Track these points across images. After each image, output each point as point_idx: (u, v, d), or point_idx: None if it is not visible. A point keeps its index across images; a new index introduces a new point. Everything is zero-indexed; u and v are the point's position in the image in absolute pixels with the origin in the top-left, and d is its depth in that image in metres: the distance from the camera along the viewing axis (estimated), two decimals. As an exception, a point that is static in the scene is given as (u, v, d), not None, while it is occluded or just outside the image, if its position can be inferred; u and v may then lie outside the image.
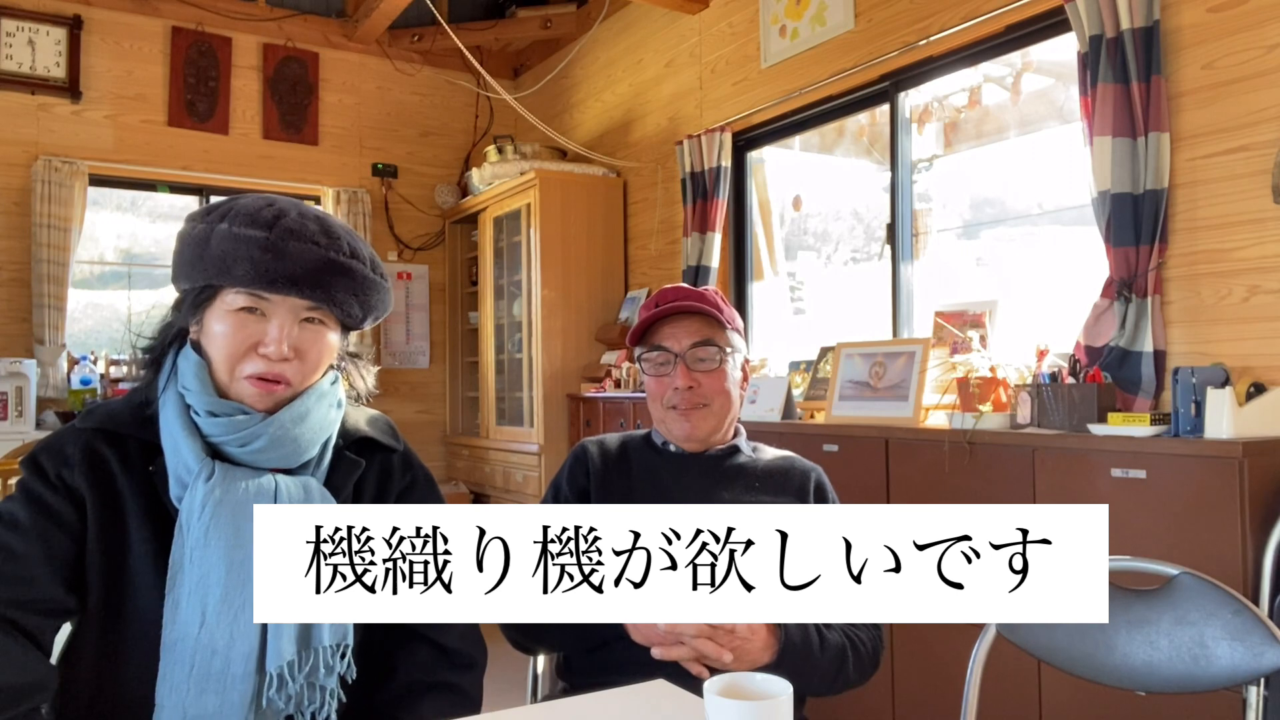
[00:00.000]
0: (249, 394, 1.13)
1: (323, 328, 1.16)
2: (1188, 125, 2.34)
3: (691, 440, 1.54)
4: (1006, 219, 3.21)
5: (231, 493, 1.09)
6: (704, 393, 1.51)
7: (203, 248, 1.11)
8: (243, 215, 1.11)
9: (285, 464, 1.15)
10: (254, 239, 1.08)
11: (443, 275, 5.49)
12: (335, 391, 1.22)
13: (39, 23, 4.33)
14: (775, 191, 4.10)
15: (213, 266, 1.10)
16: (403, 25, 5.07)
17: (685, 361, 1.51)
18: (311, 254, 1.10)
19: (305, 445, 1.15)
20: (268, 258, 1.08)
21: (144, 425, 1.14)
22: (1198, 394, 2.03)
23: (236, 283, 1.10)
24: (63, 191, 4.26)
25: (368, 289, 1.17)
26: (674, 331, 1.53)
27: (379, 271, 1.20)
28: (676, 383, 1.50)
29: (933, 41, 3.03)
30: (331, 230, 1.14)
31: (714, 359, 1.51)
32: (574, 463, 1.60)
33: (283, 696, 1.08)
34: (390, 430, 1.30)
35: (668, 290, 1.56)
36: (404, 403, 5.32)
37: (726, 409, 1.54)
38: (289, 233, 1.09)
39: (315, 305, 1.13)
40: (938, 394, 2.72)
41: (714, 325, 1.52)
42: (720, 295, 1.58)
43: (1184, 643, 1.28)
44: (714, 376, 1.51)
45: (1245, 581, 1.85)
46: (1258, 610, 1.24)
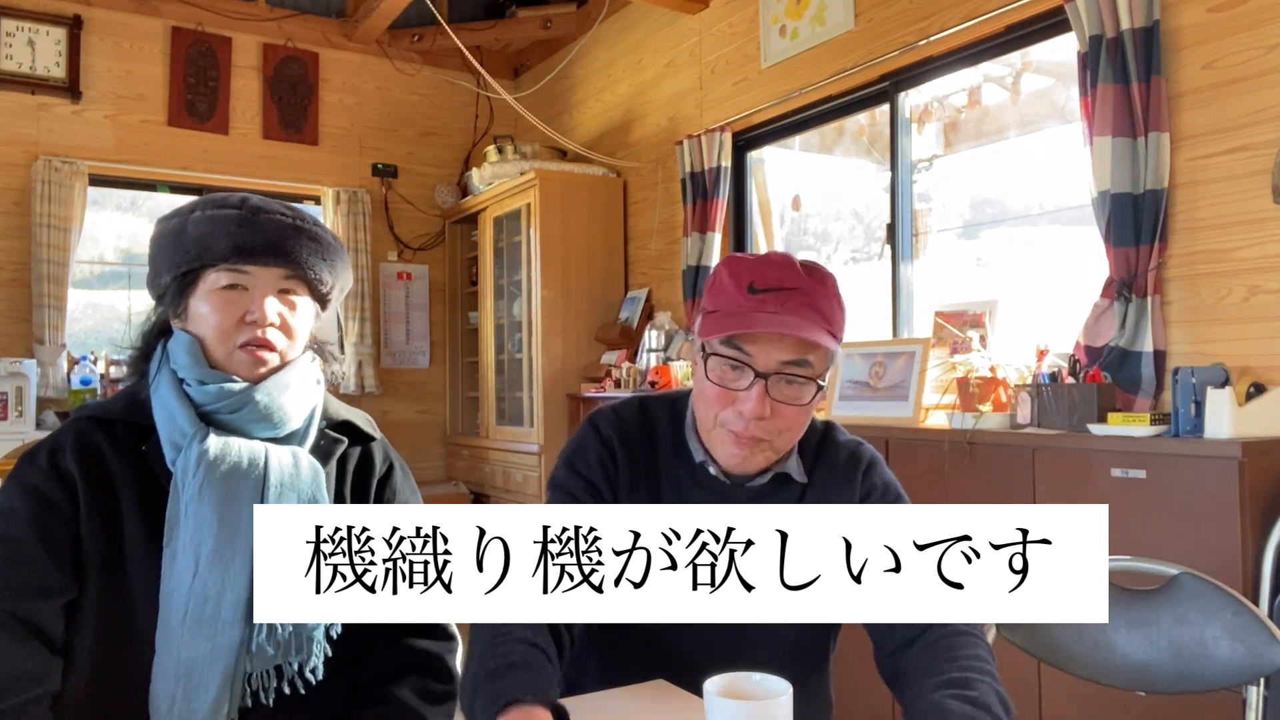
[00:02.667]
0: (244, 363, 1.19)
1: (297, 298, 1.24)
2: (1188, 125, 2.34)
3: (739, 469, 1.23)
4: (1006, 219, 3.21)
5: (225, 452, 1.16)
6: (775, 426, 1.17)
7: (180, 236, 1.20)
8: (213, 202, 1.22)
9: (273, 433, 1.21)
10: (228, 217, 1.19)
11: (443, 275, 5.49)
12: (315, 369, 1.29)
13: (39, 23, 4.33)
14: (775, 191, 4.10)
15: (193, 249, 1.19)
16: (403, 25, 5.07)
17: (768, 384, 1.14)
18: (281, 222, 1.21)
19: (291, 414, 1.22)
20: (244, 231, 1.18)
21: (135, 410, 1.20)
22: (1198, 394, 2.03)
23: (217, 259, 1.18)
24: (63, 191, 4.26)
25: (333, 255, 1.27)
26: (766, 338, 1.14)
27: (339, 243, 1.30)
28: (746, 407, 1.14)
29: (933, 41, 3.03)
30: (294, 206, 1.25)
31: (806, 390, 1.16)
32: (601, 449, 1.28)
33: (272, 643, 1.13)
34: (369, 423, 1.36)
35: (771, 268, 1.16)
36: (404, 403, 5.32)
37: (791, 442, 1.22)
38: (258, 209, 1.20)
39: (290, 274, 1.22)
40: (938, 394, 2.72)
41: (818, 345, 1.14)
42: (836, 287, 1.19)
43: (1184, 643, 1.28)
44: (797, 410, 1.17)
45: (1245, 581, 1.85)
46: (1258, 610, 1.24)
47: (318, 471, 1.22)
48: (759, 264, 1.17)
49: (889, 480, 1.34)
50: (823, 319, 1.14)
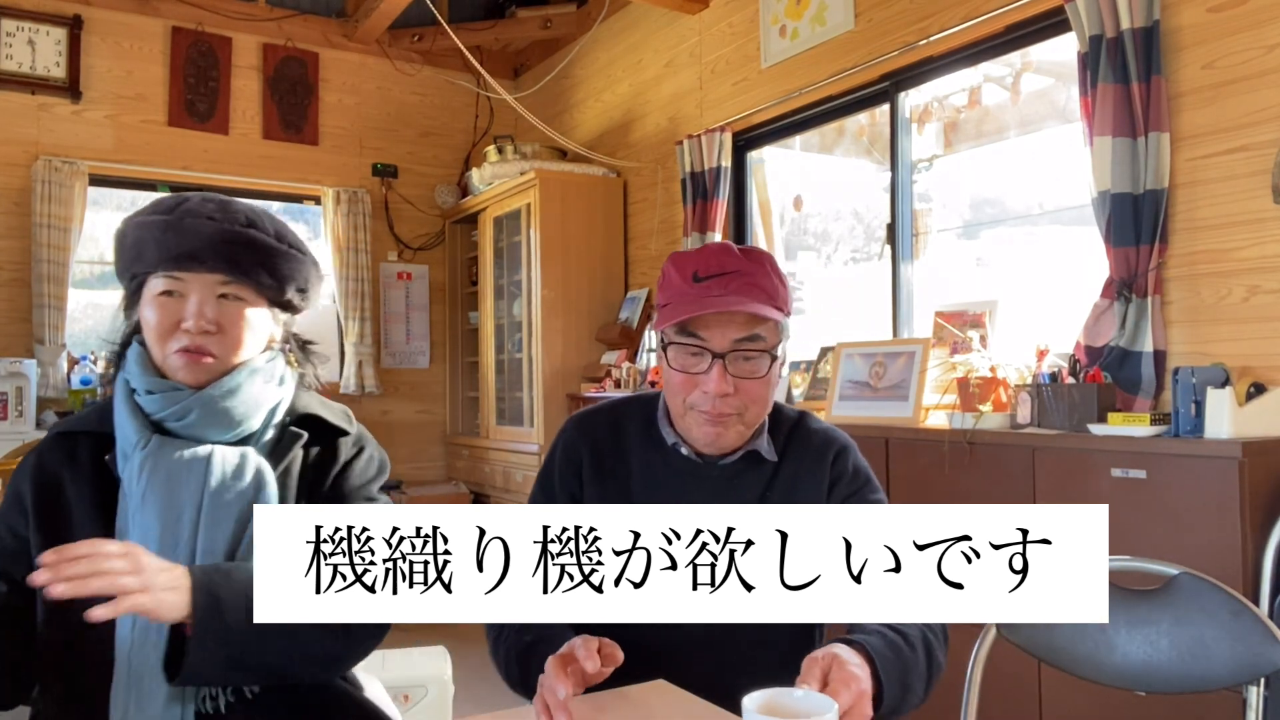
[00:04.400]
0: (178, 367, 1.19)
1: (241, 304, 1.22)
2: (1188, 125, 2.34)
3: (713, 448, 1.30)
4: (1006, 219, 3.22)
5: (165, 458, 1.16)
6: (740, 401, 1.25)
7: (122, 244, 1.22)
8: (150, 208, 1.21)
9: (223, 437, 1.21)
10: (156, 223, 1.18)
11: (443, 275, 5.49)
12: (273, 369, 1.27)
13: (39, 23, 4.33)
14: (775, 191, 4.10)
15: (129, 257, 1.21)
16: (403, 25, 5.07)
17: (725, 363, 1.23)
18: (206, 228, 1.17)
19: (238, 418, 1.21)
20: (168, 237, 1.17)
21: (106, 420, 1.22)
22: (1198, 394, 2.03)
23: (148, 267, 1.19)
24: (63, 191, 4.26)
25: (273, 257, 1.22)
26: (717, 320, 1.23)
27: (287, 241, 1.25)
28: (709, 386, 1.23)
29: (933, 41, 3.03)
30: (229, 206, 1.21)
31: (761, 362, 1.24)
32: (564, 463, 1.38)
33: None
34: (345, 416, 1.34)
35: (711, 256, 1.26)
36: (404, 403, 5.32)
37: (759, 416, 1.29)
38: (187, 213, 1.18)
39: (228, 280, 1.20)
40: (938, 394, 2.72)
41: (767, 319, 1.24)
42: (774, 264, 1.28)
43: (1184, 643, 1.28)
44: (758, 383, 1.25)
45: (1245, 581, 1.85)
46: (1258, 610, 1.24)
47: (262, 470, 1.20)
48: (700, 254, 1.27)
49: (860, 464, 1.38)
50: (765, 295, 1.23)
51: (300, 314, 1.35)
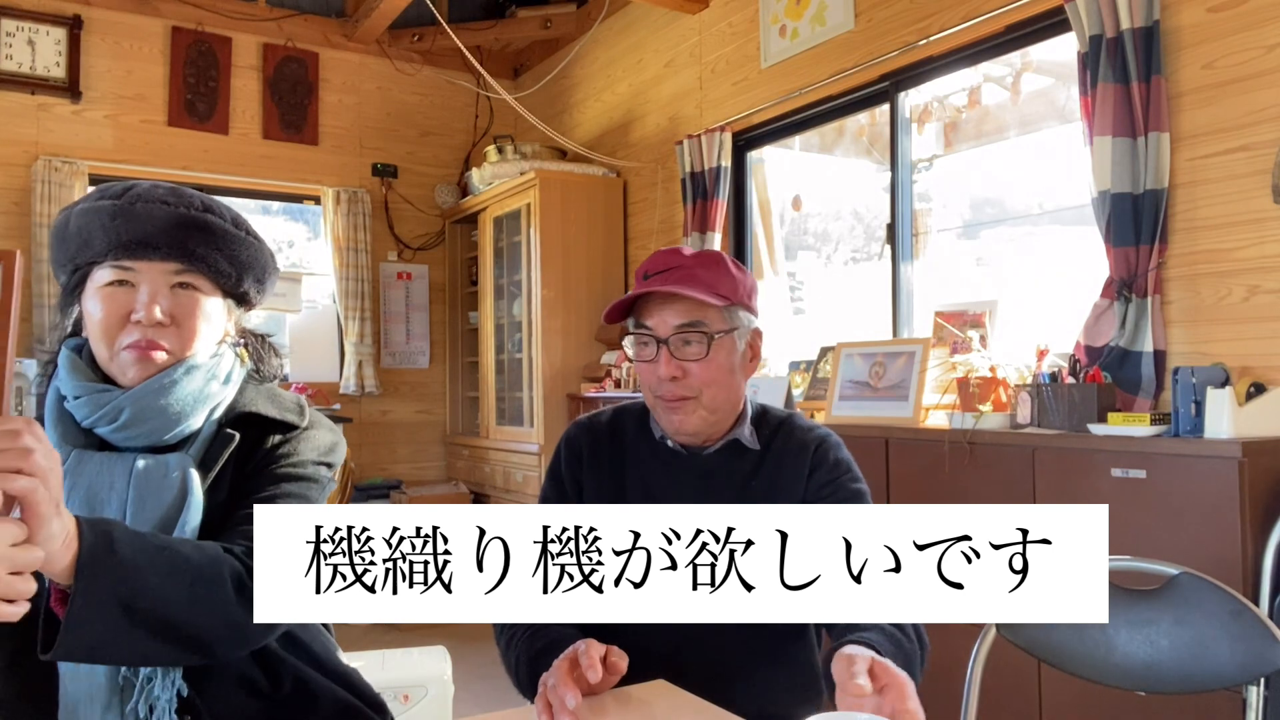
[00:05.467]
0: (128, 363, 1.10)
1: (196, 294, 1.14)
2: (1188, 125, 2.34)
3: (681, 434, 1.37)
4: (1006, 219, 3.22)
5: (81, 477, 1.07)
6: (692, 384, 1.32)
7: (63, 234, 1.13)
8: (96, 194, 1.13)
9: (157, 438, 1.12)
10: (104, 209, 1.10)
11: (443, 275, 5.50)
12: (216, 365, 1.18)
13: (39, 23, 4.33)
14: (775, 191, 4.10)
15: (73, 246, 1.12)
16: (403, 25, 5.07)
17: (669, 347, 1.32)
18: (160, 212, 1.10)
19: (174, 417, 1.11)
20: (118, 223, 1.09)
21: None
22: (1198, 394, 2.03)
23: (95, 255, 1.10)
24: (63, 191, 4.26)
25: (231, 243, 1.15)
26: (659, 309, 1.33)
27: (243, 228, 1.18)
28: (660, 370, 1.32)
29: (933, 41, 3.03)
30: (181, 191, 1.15)
31: (702, 345, 1.31)
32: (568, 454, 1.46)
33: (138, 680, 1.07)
34: (297, 408, 1.24)
35: (659, 257, 1.36)
36: (404, 403, 5.32)
37: (720, 399, 1.35)
38: (137, 198, 1.11)
39: (182, 268, 1.12)
40: (938, 394, 2.72)
41: (707, 304, 1.32)
42: (723, 262, 1.36)
43: (1184, 643, 1.28)
44: (704, 365, 1.32)
45: (1245, 581, 1.85)
46: (1258, 610, 1.24)
47: (188, 479, 1.10)
48: (653, 258, 1.38)
49: (842, 456, 1.41)
50: (704, 285, 1.31)
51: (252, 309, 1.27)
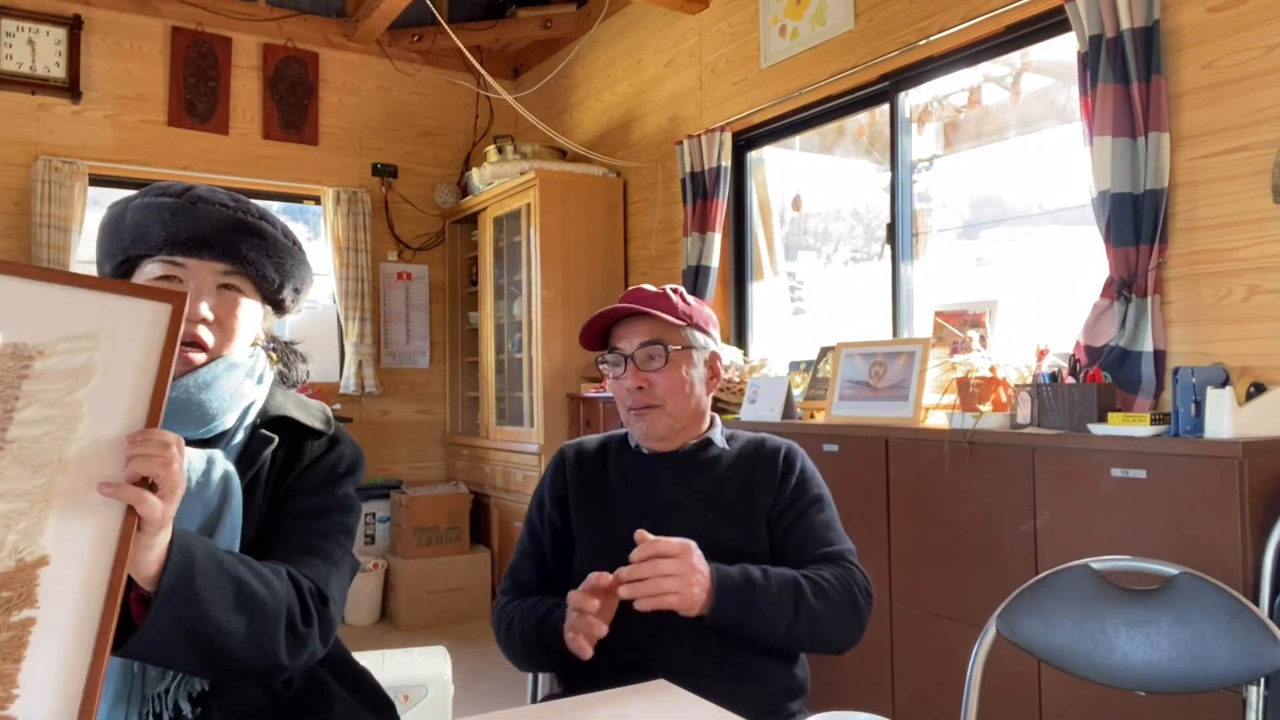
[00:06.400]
0: None
1: (239, 295, 1.19)
2: (1188, 125, 2.34)
3: (650, 439, 1.55)
4: (1006, 219, 3.21)
5: None
6: (656, 394, 1.52)
7: (118, 225, 1.18)
8: (155, 190, 1.19)
9: (192, 433, 1.14)
10: (165, 205, 1.15)
11: (443, 275, 5.49)
12: (252, 365, 1.22)
13: (39, 23, 4.33)
14: (775, 191, 4.09)
15: (128, 238, 1.16)
16: (403, 25, 5.07)
17: (635, 362, 1.53)
18: (220, 215, 1.16)
19: (213, 412, 1.14)
20: (179, 220, 1.14)
21: None
22: (1198, 394, 2.03)
23: (151, 249, 1.15)
24: (63, 191, 4.26)
25: (280, 252, 1.21)
26: (626, 333, 1.55)
27: (291, 239, 1.24)
28: (627, 383, 1.52)
29: (933, 41, 3.03)
30: (239, 197, 1.20)
31: (660, 357, 1.52)
32: (554, 471, 1.62)
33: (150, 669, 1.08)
34: (323, 416, 1.28)
35: (627, 293, 1.58)
36: (404, 403, 5.32)
37: (682, 408, 1.54)
38: (198, 198, 1.16)
39: (230, 269, 1.17)
40: (938, 394, 2.72)
41: (665, 325, 1.53)
42: (680, 294, 1.58)
43: (1184, 643, 1.28)
44: (664, 376, 1.52)
45: (1245, 581, 1.85)
46: (1258, 610, 1.24)
47: (229, 478, 1.13)
48: (625, 294, 1.58)
49: (807, 468, 1.57)
50: (663, 309, 1.53)
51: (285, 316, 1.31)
